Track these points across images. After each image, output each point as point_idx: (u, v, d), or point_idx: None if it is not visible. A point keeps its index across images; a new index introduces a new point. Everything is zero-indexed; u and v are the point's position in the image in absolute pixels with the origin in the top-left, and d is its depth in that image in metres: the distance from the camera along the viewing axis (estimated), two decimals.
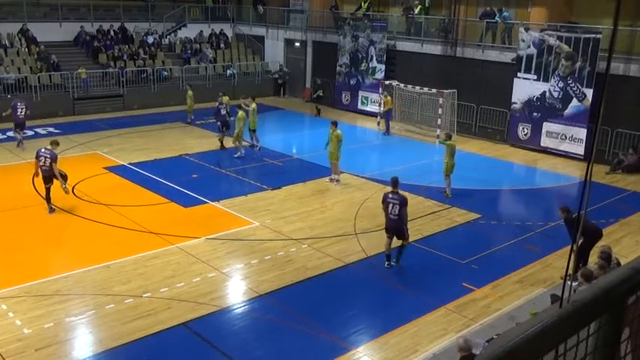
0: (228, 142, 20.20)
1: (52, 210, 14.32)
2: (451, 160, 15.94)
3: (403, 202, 11.61)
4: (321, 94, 27.37)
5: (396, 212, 11.51)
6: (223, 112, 20.82)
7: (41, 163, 14.00)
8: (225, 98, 22.01)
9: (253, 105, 20.26)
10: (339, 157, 16.92)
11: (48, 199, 14.31)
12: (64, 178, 14.34)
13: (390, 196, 11.63)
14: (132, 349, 9.00)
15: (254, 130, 20.30)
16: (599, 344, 1.72)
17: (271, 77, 31.70)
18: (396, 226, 11.63)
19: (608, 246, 10.48)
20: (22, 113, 19.90)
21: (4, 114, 20.25)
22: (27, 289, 10.58)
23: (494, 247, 13.29)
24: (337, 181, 17.07)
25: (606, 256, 9.67)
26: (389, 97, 23.71)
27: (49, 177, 14.09)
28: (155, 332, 9.39)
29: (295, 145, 22.59)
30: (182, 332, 9.44)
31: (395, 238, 11.82)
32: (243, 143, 19.70)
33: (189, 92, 24.37)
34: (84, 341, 9.26)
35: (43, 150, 14.18)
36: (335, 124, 17.14)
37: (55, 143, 14.57)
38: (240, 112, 19.23)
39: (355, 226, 14.08)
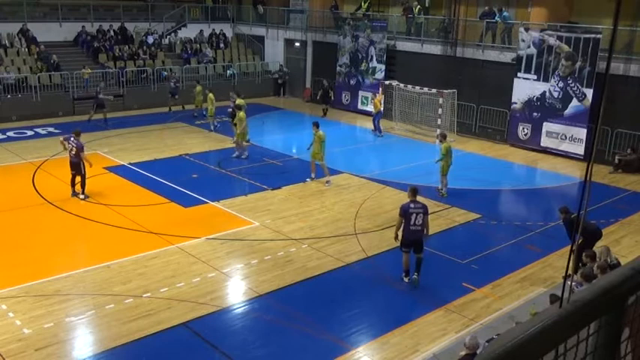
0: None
1: (75, 194, 15.28)
2: (449, 160, 16.00)
3: (426, 210, 11.08)
4: (332, 96, 27.29)
5: (420, 222, 10.92)
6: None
7: (69, 149, 15.09)
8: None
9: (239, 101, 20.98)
10: (324, 157, 16.96)
11: (72, 184, 15.32)
12: (84, 177, 15.28)
13: (413, 205, 10.83)
14: (132, 349, 9.01)
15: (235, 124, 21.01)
16: (599, 344, 1.72)
17: (271, 77, 31.70)
18: (417, 237, 11.02)
19: (606, 247, 10.49)
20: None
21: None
22: (27, 289, 10.58)
23: (494, 247, 13.30)
24: (328, 182, 17.07)
25: (592, 254, 9.78)
26: (376, 99, 23.66)
27: (75, 164, 15.04)
28: (155, 332, 9.39)
29: (295, 145, 22.57)
30: (182, 332, 9.44)
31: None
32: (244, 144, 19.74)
33: (198, 88, 24.55)
34: (84, 341, 9.27)
35: (72, 139, 15.15)
36: (317, 124, 17.18)
37: (78, 134, 15.38)
38: (241, 113, 19.24)
39: (355, 226, 14.08)
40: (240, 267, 11.93)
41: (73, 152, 14.98)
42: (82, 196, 15.22)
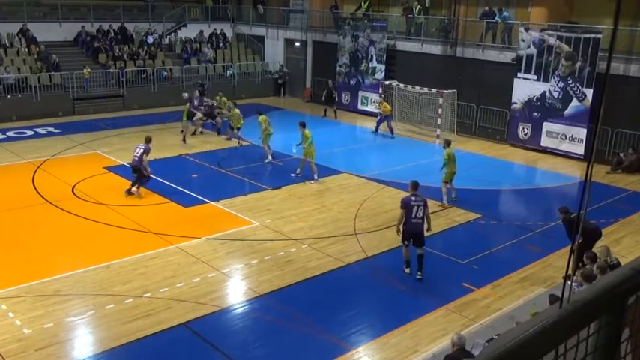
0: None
1: (129, 193, 15.57)
2: (454, 167, 15.47)
3: (426, 204, 11.43)
4: (336, 96, 27.18)
5: (420, 215, 11.24)
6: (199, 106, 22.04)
7: (134, 153, 15.77)
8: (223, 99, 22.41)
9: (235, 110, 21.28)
10: (310, 156, 17.11)
11: (132, 184, 15.74)
12: (148, 178, 15.77)
13: (414, 199, 11.24)
14: (132, 349, 9.01)
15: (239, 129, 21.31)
16: (599, 344, 1.72)
17: (271, 77, 31.70)
18: (418, 230, 11.30)
19: (606, 247, 10.49)
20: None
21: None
22: (27, 289, 10.58)
23: (494, 247, 13.30)
24: (315, 180, 17.18)
25: (592, 255, 9.78)
26: (386, 103, 23.67)
27: (135, 167, 15.70)
28: (155, 332, 9.40)
29: (295, 145, 22.57)
30: (182, 332, 9.44)
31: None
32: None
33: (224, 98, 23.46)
34: (84, 341, 9.27)
35: (140, 145, 15.89)
36: (302, 124, 17.37)
37: (149, 140, 16.02)
38: (262, 117, 19.24)
39: (355, 226, 14.08)
40: (240, 267, 11.93)
41: (139, 154, 15.51)
42: (134, 189, 15.60)
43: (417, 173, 17.06)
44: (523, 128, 21.93)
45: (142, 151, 15.55)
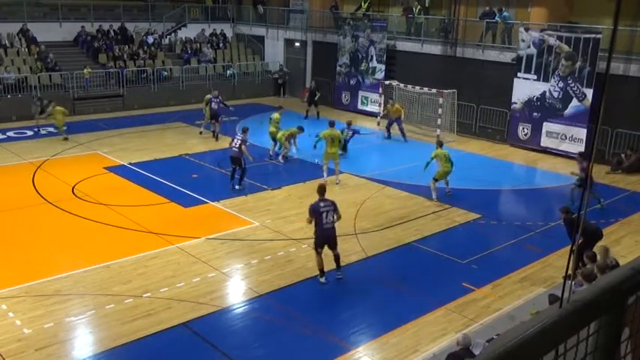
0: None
1: (234, 188, 16.23)
2: (448, 167, 15.50)
3: (336, 207, 11.07)
4: (317, 96, 27.04)
5: (331, 219, 10.93)
6: (215, 105, 21.71)
7: (233, 144, 16.21)
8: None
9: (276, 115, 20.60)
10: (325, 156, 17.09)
11: (232, 176, 16.44)
12: (245, 169, 16.26)
13: (322, 204, 10.91)
14: (132, 349, 9.01)
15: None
16: (599, 344, 1.72)
17: (271, 77, 31.70)
18: (330, 235, 10.99)
19: (605, 247, 10.48)
20: (216, 106, 21.74)
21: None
22: (27, 289, 10.58)
23: (494, 247, 13.29)
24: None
25: (592, 255, 9.81)
26: (398, 105, 23.48)
27: (235, 158, 16.15)
28: (155, 332, 9.40)
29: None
30: (182, 332, 9.44)
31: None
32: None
33: (58, 108, 21.76)
34: (84, 341, 9.27)
35: (238, 134, 16.50)
36: (332, 124, 17.44)
37: (245, 130, 16.54)
38: (275, 115, 19.35)
39: (355, 226, 14.07)
40: (240, 267, 11.93)
41: (237, 145, 15.92)
42: (237, 187, 16.19)
43: (416, 173, 17.09)
44: (523, 128, 21.93)
45: (239, 141, 15.97)
